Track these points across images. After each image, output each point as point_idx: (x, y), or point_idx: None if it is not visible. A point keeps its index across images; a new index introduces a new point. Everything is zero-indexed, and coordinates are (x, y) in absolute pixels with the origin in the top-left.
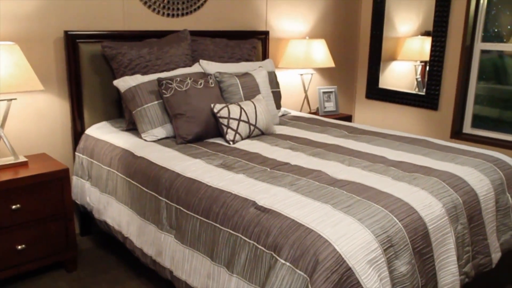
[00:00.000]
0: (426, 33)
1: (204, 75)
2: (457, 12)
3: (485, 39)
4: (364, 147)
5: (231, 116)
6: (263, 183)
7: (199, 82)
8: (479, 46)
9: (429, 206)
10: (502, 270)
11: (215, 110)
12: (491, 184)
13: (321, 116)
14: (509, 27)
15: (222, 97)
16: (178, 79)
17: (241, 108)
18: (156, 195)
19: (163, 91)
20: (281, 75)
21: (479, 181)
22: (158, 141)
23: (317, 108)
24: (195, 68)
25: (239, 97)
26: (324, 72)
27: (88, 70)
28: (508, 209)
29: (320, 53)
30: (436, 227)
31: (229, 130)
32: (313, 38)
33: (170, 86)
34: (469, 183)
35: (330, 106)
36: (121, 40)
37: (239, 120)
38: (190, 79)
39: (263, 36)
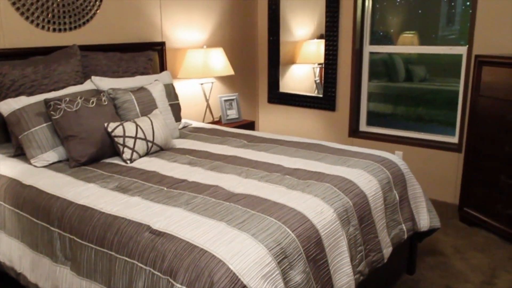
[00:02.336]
0: (322, 36)
1: (97, 92)
2: (346, 17)
3: (374, 40)
4: (262, 156)
5: (126, 134)
6: (158, 205)
7: (91, 101)
8: (368, 48)
9: (321, 212)
10: (396, 261)
11: (109, 130)
12: (379, 184)
13: (224, 124)
14: (392, 30)
15: (117, 115)
16: (68, 99)
17: (137, 125)
18: (48, 225)
19: (52, 112)
20: (180, 86)
21: (368, 182)
22: (50, 166)
23: (220, 116)
24: (87, 86)
25: (135, 114)
26: (224, 79)
27: None
28: (396, 205)
29: (219, 61)
30: (328, 233)
31: (125, 149)
32: (211, 46)
33: (59, 107)
34: (358, 185)
35: (232, 113)
36: (0, 59)
37: (136, 137)
38: (81, 98)
39: (159, 47)
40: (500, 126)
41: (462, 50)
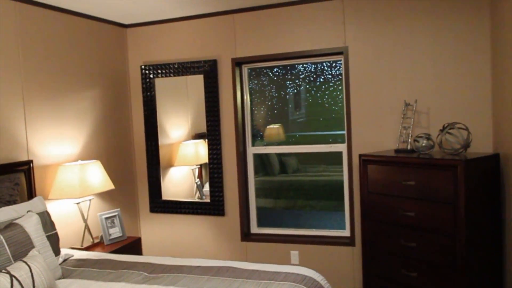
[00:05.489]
0: (198, 136)
1: None
2: (227, 124)
3: (253, 141)
4: None
5: None
6: None
7: None
8: (251, 150)
9: None
10: None
11: None
12: None
13: (107, 245)
14: (260, 124)
15: None
16: None
17: (11, 276)
18: None
19: None
20: (53, 208)
21: None
22: None
23: (101, 236)
24: None
25: (5, 258)
26: (103, 195)
27: None
28: None
29: (97, 176)
30: None
31: None
32: (85, 159)
33: None
34: None
35: (115, 232)
36: None
37: None
38: None
39: (25, 167)
40: (393, 220)
41: (341, 147)
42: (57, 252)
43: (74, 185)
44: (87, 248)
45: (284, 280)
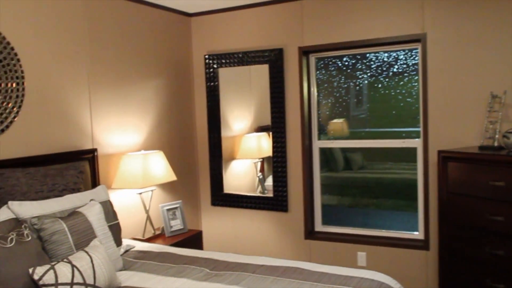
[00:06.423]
0: (260, 129)
1: (17, 223)
2: (292, 116)
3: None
4: None
5: (59, 281)
6: None
7: (9, 238)
8: (317, 144)
9: None
10: None
11: (36, 277)
12: None
13: (168, 237)
14: (336, 130)
15: (44, 252)
16: None
17: (72, 266)
18: None
19: None
20: (116, 197)
21: None
22: None
23: (162, 228)
24: (3, 215)
25: (68, 247)
26: (165, 186)
27: None
28: None
29: (160, 166)
30: None
31: None
32: (148, 149)
33: None
34: None
35: (177, 224)
36: None
37: (72, 283)
38: None
39: (90, 155)
40: (477, 224)
41: (416, 143)
42: (118, 242)
43: (137, 175)
44: (148, 240)
45: (358, 286)
